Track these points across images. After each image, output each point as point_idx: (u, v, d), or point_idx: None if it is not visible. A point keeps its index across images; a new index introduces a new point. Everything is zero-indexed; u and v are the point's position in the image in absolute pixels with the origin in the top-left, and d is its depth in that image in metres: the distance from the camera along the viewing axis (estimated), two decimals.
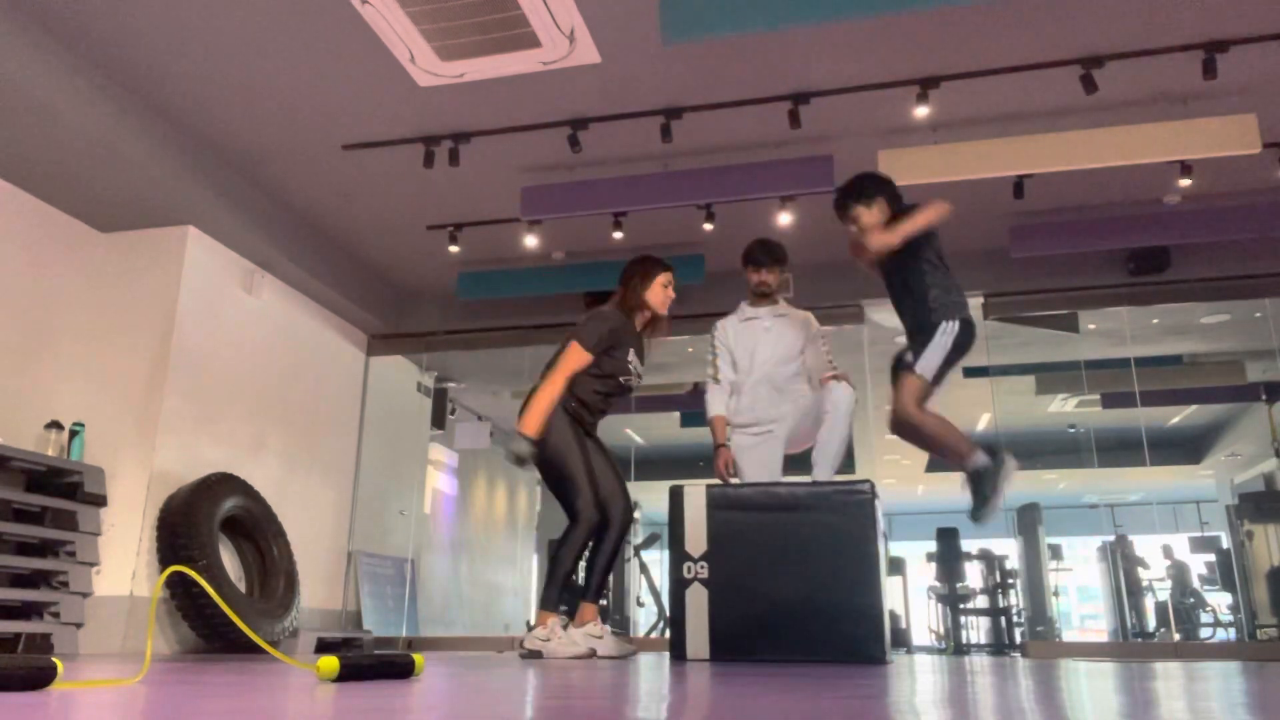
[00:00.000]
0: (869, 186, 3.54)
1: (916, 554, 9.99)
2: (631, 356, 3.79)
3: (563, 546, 3.57)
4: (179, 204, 5.18)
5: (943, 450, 3.37)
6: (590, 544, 3.67)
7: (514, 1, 3.91)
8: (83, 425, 4.98)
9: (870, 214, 3.51)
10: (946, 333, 3.36)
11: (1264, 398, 7.46)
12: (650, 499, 9.90)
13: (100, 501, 4.74)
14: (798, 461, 3.87)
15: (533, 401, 3.58)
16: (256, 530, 5.50)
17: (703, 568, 3.34)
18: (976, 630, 9.01)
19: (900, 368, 3.42)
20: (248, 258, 5.88)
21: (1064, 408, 8.46)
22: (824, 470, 3.60)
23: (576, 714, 1.12)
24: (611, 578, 8.32)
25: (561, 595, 3.61)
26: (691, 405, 7.74)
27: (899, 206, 3.51)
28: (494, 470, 9.53)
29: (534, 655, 3.50)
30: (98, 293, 5.40)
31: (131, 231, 5.47)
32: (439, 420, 8.03)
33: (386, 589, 7.07)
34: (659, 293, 3.85)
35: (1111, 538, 9.37)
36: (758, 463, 3.84)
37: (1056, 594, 8.53)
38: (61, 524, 4.49)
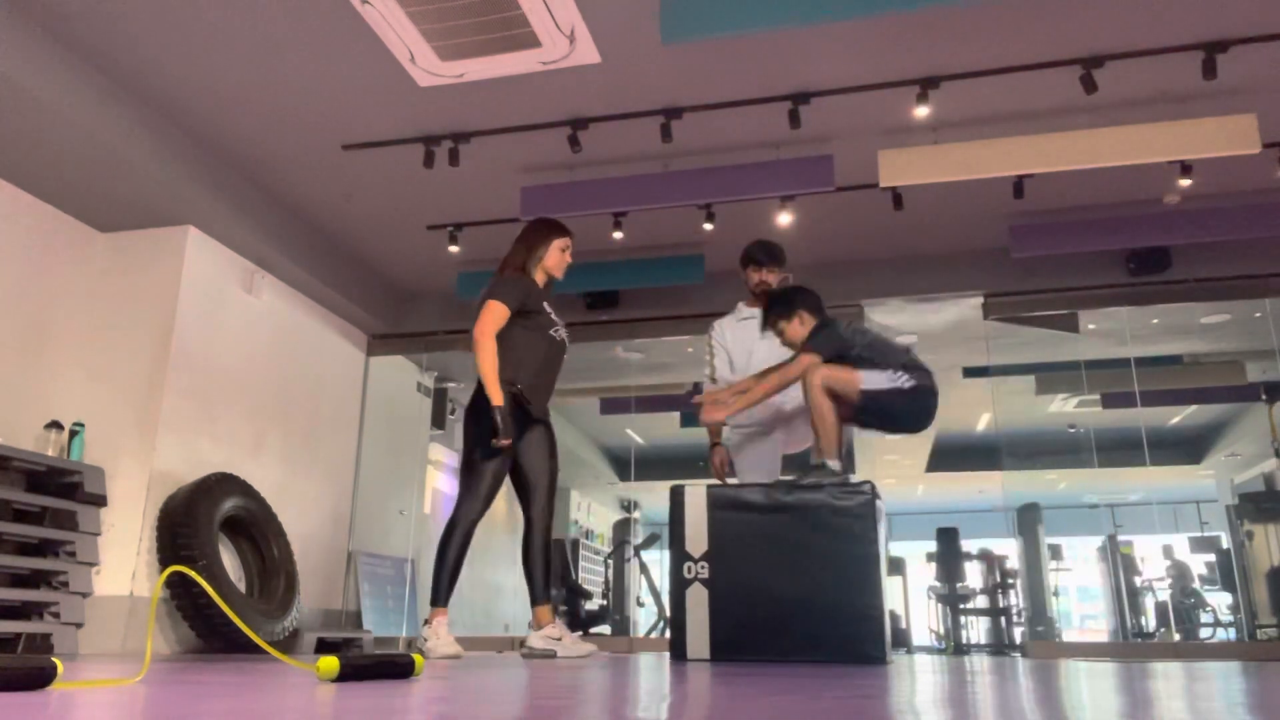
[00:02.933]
0: (794, 299, 3.50)
1: (916, 554, 9.99)
2: (549, 309, 3.73)
3: (444, 547, 3.59)
4: (179, 204, 5.18)
5: (820, 427, 3.31)
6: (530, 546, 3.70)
7: (514, 1, 3.91)
8: (83, 425, 4.98)
9: (792, 326, 3.49)
10: (896, 380, 3.31)
11: (1264, 398, 7.46)
12: (650, 499, 9.89)
13: (100, 501, 4.74)
14: (798, 461, 3.87)
15: (480, 375, 3.51)
16: (256, 530, 5.50)
17: (703, 568, 3.34)
18: (976, 630, 9.01)
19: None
20: (248, 258, 5.88)
21: (1064, 408, 8.46)
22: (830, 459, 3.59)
23: (577, 714, 1.12)
24: (612, 578, 8.33)
25: (561, 596, 3.62)
26: (691, 405, 7.73)
27: (821, 318, 3.48)
28: None
29: (543, 655, 3.53)
30: (98, 293, 5.40)
31: (131, 231, 5.47)
32: (439, 420, 8.03)
33: (386, 589, 7.07)
34: (556, 256, 3.80)
35: (1126, 538, 9.36)
36: (754, 462, 3.85)
37: (1056, 594, 8.53)
38: (61, 524, 4.49)
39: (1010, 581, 8.25)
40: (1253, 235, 5.54)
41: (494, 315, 3.56)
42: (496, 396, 3.48)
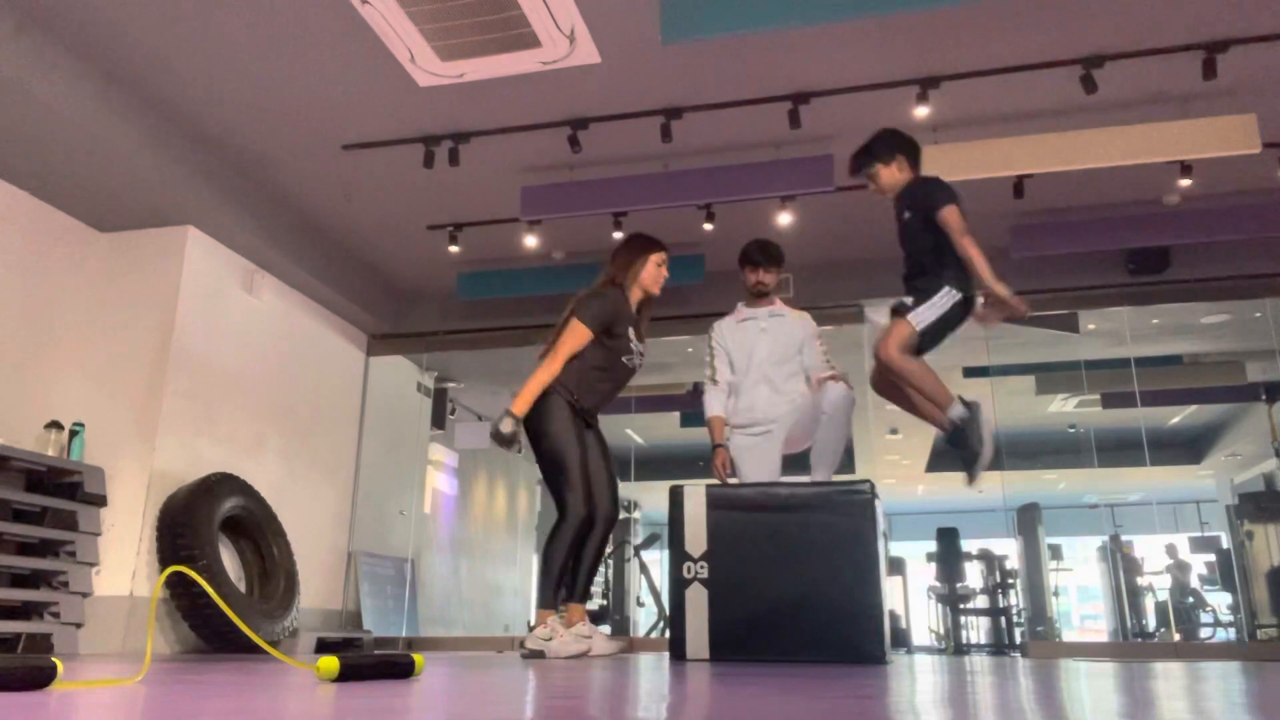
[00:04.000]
0: (895, 143, 3.51)
1: (916, 554, 9.98)
2: (632, 335, 3.69)
3: (551, 544, 3.54)
4: (179, 204, 5.18)
5: (922, 400, 3.30)
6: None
7: (514, 1, 3.91)
8: (83, 425, 4.98)
9: (889, 170, 3.49)
10: (947, 296, 3.31)
11: (1264, 398, 7.46)
12: (650, 499, 9.90)
13: (100, 501, 4.74)
14: (797, 462, 3.87)
15: (529, 381, 3.50)
16: (256, 530, 5.50)
17: (703, 568, 3.34)
18: (976, 630, 9.01)
19: (894, 312, 3.38)
20: (248, 258, 5.88)
21: (1064, 408, 8.46)
22: (823, 471, 3.61)
23: (577, 714, 1.12)
24: (612, 578, 8.32)
25: (559, 592, 3.59)
26: (691, 405, 7.74)
27: (918, 162, 3.51)
28: (494, 470, 9.53)
29: (536, 655, 3.49)
30: (98, 293, 5.40)
31: (131, 231, 5.47)
32: (439, 420, 8.03)
33: (386, 589, 7.07)
34: (652, 271, 3.75)
35: (1127, 538, 9.36)
36: (757, 463, 3.84)
37: (1056, 594, 8.53)
38: (61, 524, 4.49)
39: (1010, 581, 8.25)
40: (1253, 235, 5.54)
41: (575, 338, 3.54)
42: (521, 407, 3.47)
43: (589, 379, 3.63)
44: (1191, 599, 9.20)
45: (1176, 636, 8.85)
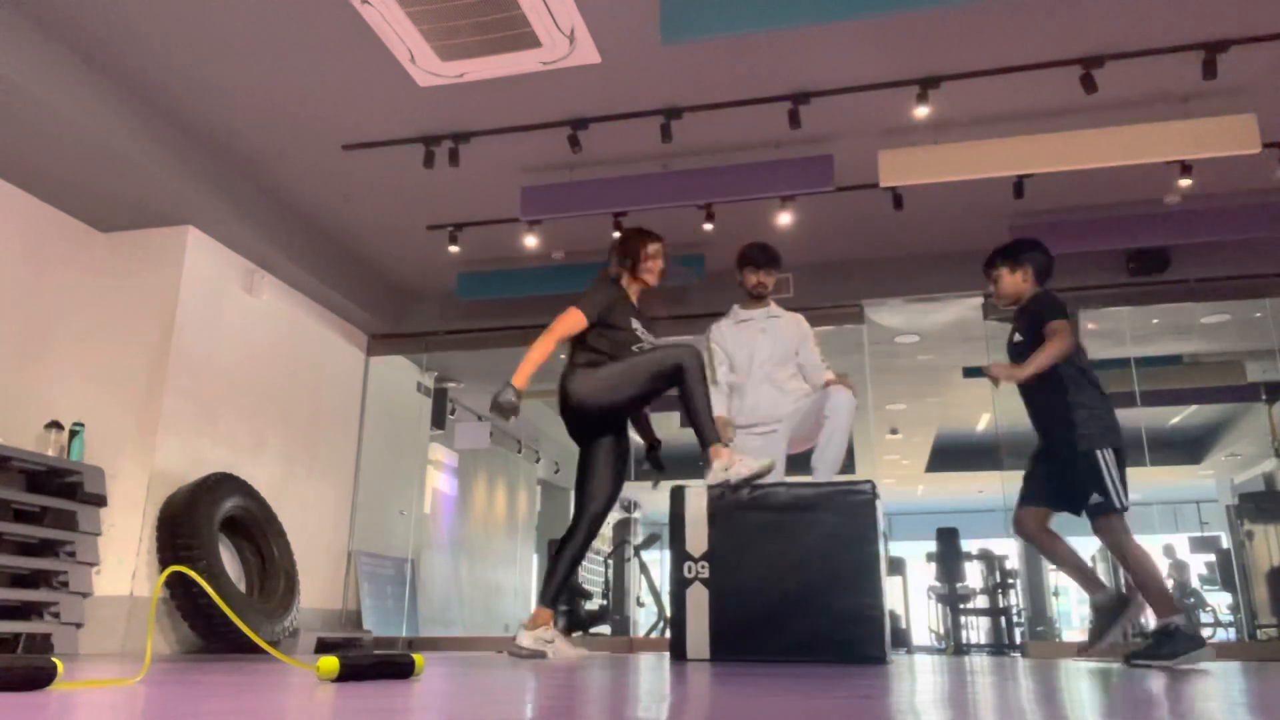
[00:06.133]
0: (1023, 253, 3.53)
1: (916, 554, 9.98)
2: (638, 326, 3.62)
3: (565, 546, 3.51)
4: (179, 204, 5.18)
5: (1142, 591, 3.24)
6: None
7: (514, 1, 3.91)
8: (83, 425, 4.98)
9: (1014, 279, 3.51)
10: (1108, 461, 3.28)
11: (1264, 398, 7.46)
12: (650, 499, 9.89)
13: (100, 501, 4.74)
14: (797, 462, 3.87)
15: (526, 358, 3.45)
16: (256, 530, 5.50)
17: (703, 568, 3.34)
18: (976, 630, 9.00)
19: (1096, 514, 3.28)
20: (248, 258, 5.88)
21: None
22: (823, 473, 3.62)
23: (577, 714, 1.12)
24: (612, 578, 8.32)
25: (561, 596, 3.57)
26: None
27: (1046, 278, 3.53)
28: (494, 470, 9.53)
29: (537, 655, 3.48)
30: (98, 293, 5.40)
31: (131, 231, 5.47)
32: (439, 420, 8.03)
33: (386, 589, 7.06)
34: (648, 262, 3.72)
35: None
36: None
37: (1056, 594, 8.53)
38: (61, 524, 4.49)
39: (1010, 581, 8.24)
40: (1253, 235, 5.54)
41: (568, 322, 3.49)
42: (520, 379, 3.40)
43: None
44: (1192, 599, 9.20)
45: None
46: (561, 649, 3.53)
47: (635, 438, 3.88)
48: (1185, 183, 5.21)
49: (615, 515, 10.24)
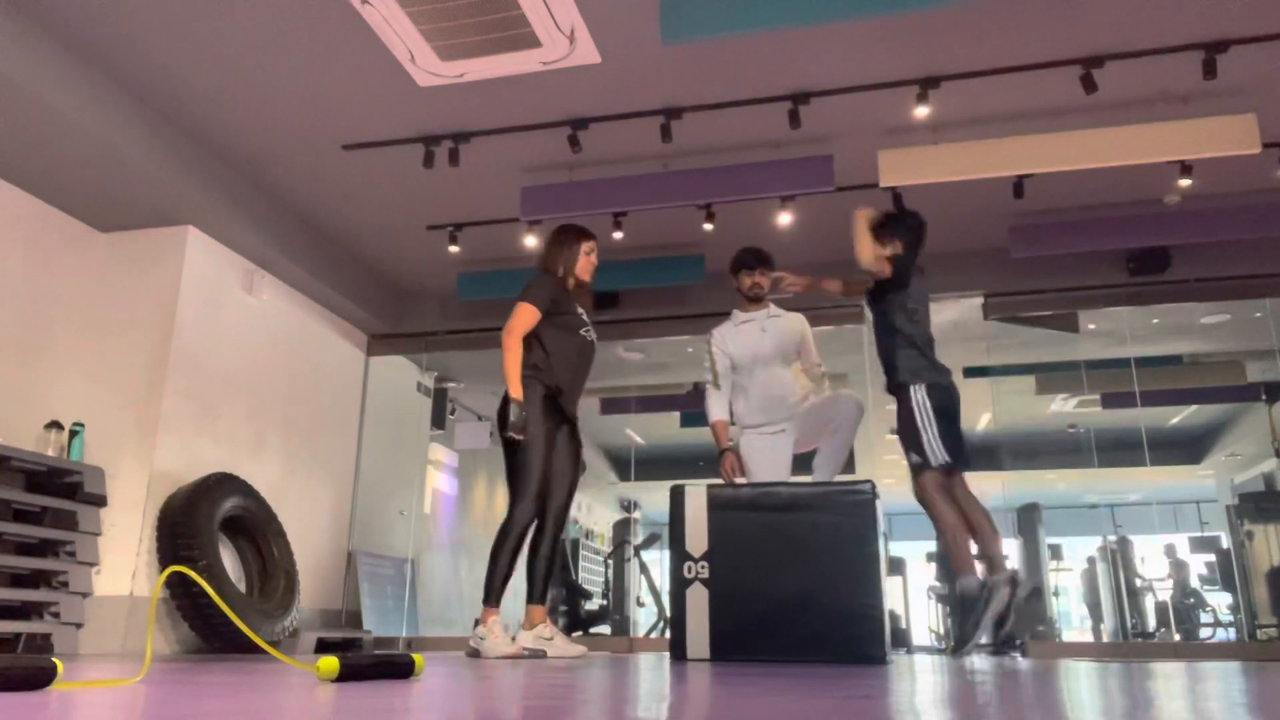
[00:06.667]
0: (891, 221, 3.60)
1: (916, 554, 9.98)
2: (580, 312, 3.88)
3: (499, 548, 3.61)
4: (179, 204, 5.18)
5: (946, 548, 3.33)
6: (527, 543, 3.69)
7: (514, 1, 3.91)
8: (83, 425, 4.98)
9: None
10: (917, 401, 3.34)
11: (1264, 398, 7.46)
12: (650, 499, 9.89)
13: (100, 501, 4.74)
14: (798, 462, 3.88)
15: (505, 371, 3.63)
16: (256, 530, 5.50)
17: (703, 568, 3.34)
18: None
19: (912, 470, 3.41)
20: (248, 258, 5.88)
21: (1064, 408, 8.46)
22: (824, 475, 3.63)
23: (576, 714, 1.12)
24: (612, 578, 8.32)
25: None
26: (691, 405, 7.73)
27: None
28: (494, 470, 9.52)
29: (474, 654, 3.56)
30: (98, 293, 5.40)
31: (131, 231, 5.47)
32: (439, 420, 8.03)
33: (386, 589, 7.06)
34: (582, 260, 3.93)
35: (1112, 538, 9.36)
36: (770, 463, 3.87)
37: (1056, 594, 8.52)
38: (61, 524, 4.49)
39: None
40: (1253, 235, 5.54)
41: (522, 316, 3.69)
42: (515, 390, 3.57)
43: (556, 359, 3.74)
44: (1192, 599, 9.20)
45: (1176, 636, 8.85)
46: (561, 646, 3.57)
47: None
48: (1185, 183, 5.21)
49: (615, 515, 10.24)
